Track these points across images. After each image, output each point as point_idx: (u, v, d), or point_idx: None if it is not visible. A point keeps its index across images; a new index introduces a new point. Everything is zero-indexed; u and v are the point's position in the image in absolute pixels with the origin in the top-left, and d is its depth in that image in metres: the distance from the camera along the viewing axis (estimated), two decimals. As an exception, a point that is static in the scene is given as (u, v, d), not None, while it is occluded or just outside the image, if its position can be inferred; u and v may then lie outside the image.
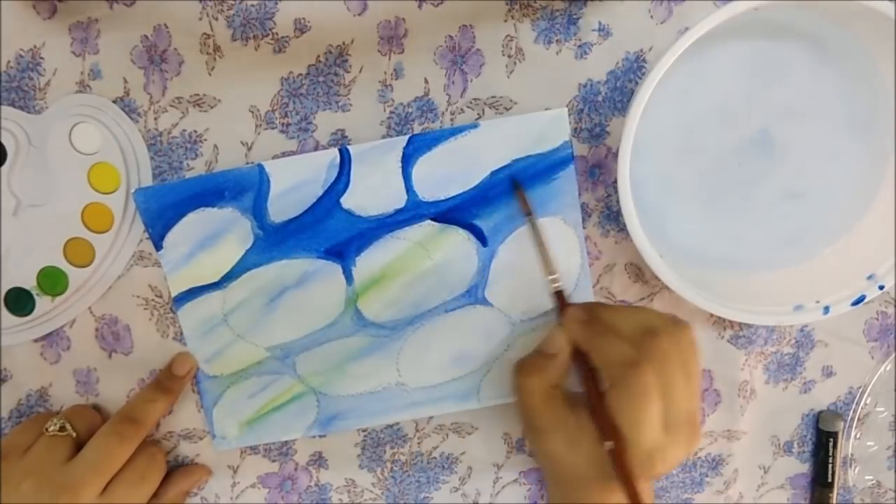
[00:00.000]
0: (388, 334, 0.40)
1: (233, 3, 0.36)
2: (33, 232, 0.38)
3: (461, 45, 0.37)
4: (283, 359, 0.40)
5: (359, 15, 0.37)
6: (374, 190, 0.38)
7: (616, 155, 0.34)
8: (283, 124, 0.38)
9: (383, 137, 0.38)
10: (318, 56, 0.37)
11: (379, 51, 0.37)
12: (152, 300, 0.40)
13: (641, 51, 0.38)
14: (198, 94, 0.38)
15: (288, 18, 0.37)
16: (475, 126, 0.37)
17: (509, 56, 0.38)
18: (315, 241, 0.39)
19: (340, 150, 0.37)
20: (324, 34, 0.37)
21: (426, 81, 0.38)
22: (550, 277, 0.36)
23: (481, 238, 0.39)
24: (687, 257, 0.39)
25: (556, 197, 0.38)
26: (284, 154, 0.38)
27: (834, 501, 0.44)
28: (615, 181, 0.34)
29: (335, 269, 0.39)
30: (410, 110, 0.38)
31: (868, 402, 0.44)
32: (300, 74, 0.38)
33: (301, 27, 0.37)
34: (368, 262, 0.39)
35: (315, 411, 0.41)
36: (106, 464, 0.36)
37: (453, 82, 0.38)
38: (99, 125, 0.37)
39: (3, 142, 0.37)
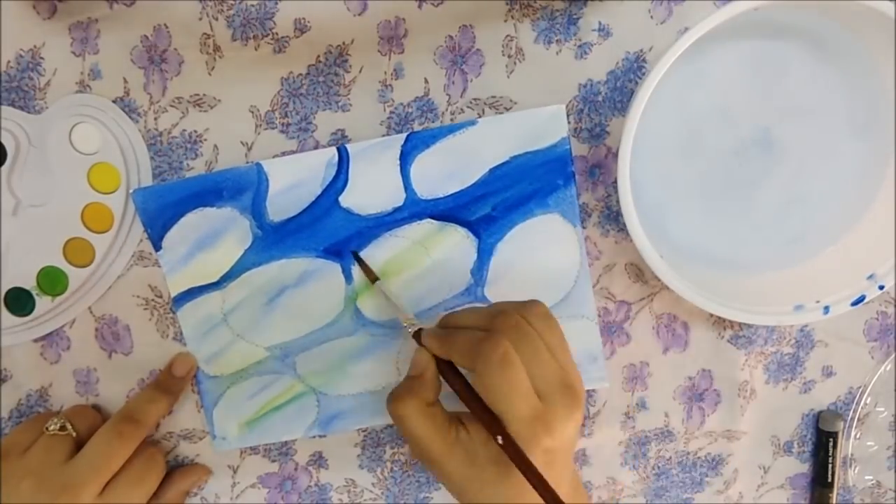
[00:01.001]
0: (387, 333, 0.40)
1: (233, 3, 0.36)
2: (33, 232, 0.38)
3: (461, 45, 0.37)
4: (282, 358, 0.40)
5: (359, 15, 0.37)
6: (372, 188, 0.38)
7: (616, 155, 0.34)
8: (283, 124, 0.38)
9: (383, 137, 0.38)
10: (318, 56, 0.37)
11: (379, 51, 0.37)
12: (152, 300, 0.40)
13: (641, 51, 0.38)
14: (198, 94, 0.38)
15: (288, 18, 0.37)
16: (473, 123, 0.37)
17: (509, 56, 0.38)
18: (314, 240, 0.39)
19: (339, 149, 0.37)
20: (324, 34, 0.37)
21: (426, 81, 0.38)
22: (407, 321, 0.36)
23: (480, 236, 0.39)
24: (687, 257, 0.39)
25: (554, 193, 0.38)
26: (284, 154, 0.38)
27: (834, 501, 0.44)
28: (615, 181, 0.34)
29: (334, 267, 0.39)
30: (410, 110, 0.38)
31: (868, 402, 0.44)
32: (300, 74, 0.38)
33: (301, 27, 0.37)
34: (368, 260, 0.39)
35: (315, 411, 0.41)
36: (106, 464, 0.36)
37: (453, 82, 0.38)
38: (99, 125, 0.37)
39: (3, 142, 0.37)
